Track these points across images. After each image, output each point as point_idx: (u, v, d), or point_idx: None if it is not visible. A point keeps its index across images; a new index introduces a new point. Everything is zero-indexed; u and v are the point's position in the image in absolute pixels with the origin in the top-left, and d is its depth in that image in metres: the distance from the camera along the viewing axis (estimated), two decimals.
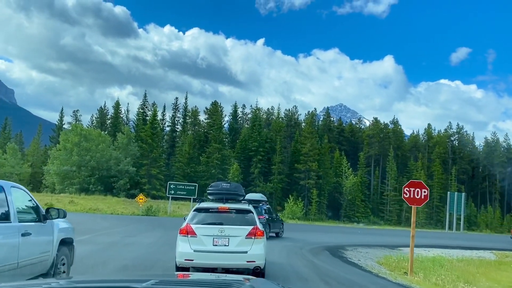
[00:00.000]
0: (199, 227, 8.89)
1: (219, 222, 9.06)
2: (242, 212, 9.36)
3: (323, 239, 25.85)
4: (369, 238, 31.89)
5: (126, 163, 64.64)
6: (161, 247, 16.43)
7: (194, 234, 8.76)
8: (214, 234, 8.80)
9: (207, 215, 9.28)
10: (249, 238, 8.83)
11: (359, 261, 17.98)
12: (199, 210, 9.37)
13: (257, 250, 8.82)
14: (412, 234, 16.65)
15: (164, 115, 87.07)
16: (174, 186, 51.32)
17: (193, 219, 9.16)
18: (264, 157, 74.84)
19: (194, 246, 8.67)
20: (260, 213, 20.71)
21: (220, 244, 8.71)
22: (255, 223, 9.10)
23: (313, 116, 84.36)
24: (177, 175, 70.79)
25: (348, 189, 75.77)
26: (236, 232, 8.85)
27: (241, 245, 8.76)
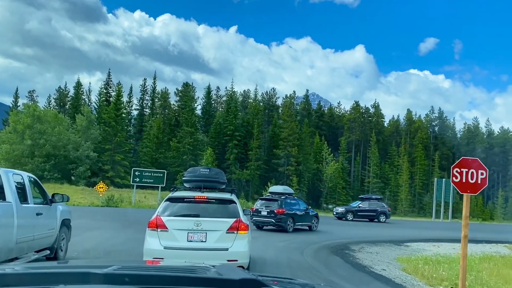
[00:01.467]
0: (171, 220, 7.67)
1: (195, 213, 7.81)
2: (223, 203, 8.09)
3: (317, 234, 22.26)
4: (364, 231, 27.92)
5: (86, 147, 57.81)
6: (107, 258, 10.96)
7: (165, 228, 7.55)
8: (189, 228, 7.59)
9: (181, 206, 8.02)
10: (231, 233, 7.66)
11: (384, 270, 13.52)
12: (171, 200, 8.08)
13: (240, 247, 7.63)
14: (464, 234, 11.41)
15: (131, 97, 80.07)
16: (139, 173, 45.32)
17: (164, 210, 7.88)
18: (241, 142, 69.37)
19: (164, 242, 7.49)
20: (280, 206, 20.69)
21: (195, 240, 7.55)
22: (238, 215, 7.86)
23: (292, 100, 79.15)
24: (144, 162, 64.48)
25: (329, 176, 71.43)
26: (215, 226, 7.66)
27: (221, 241, 7.59)
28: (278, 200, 21.06)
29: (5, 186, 7.32)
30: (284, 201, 21.21)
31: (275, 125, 74.31)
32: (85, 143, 58.49)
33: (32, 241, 7.80)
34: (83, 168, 56.83)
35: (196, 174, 8.90)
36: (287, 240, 18.86)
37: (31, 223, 7.76)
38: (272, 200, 21.42)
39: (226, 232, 7.67)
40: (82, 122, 59.57)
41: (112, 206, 40.79)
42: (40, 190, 8.83)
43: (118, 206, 41.54)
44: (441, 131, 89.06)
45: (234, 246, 7.63)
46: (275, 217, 20.67)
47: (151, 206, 45.91)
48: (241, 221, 7.80)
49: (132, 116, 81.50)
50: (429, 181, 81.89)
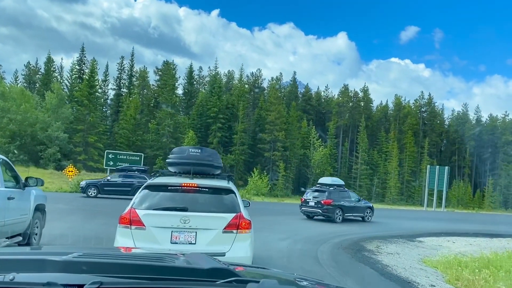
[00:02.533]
0: (150, 214, 5.69)
1: (182, 207, 5.83)
2: (219, 192, 6.10)
3: (319, 227, 19.61)
4: (371, 223, 24.83)
5: (56, 128, 52.83)
6: None
7: (141, 224, 5.58)
8: (174, 225, 5.63)
9: (164, 196, 5.99)
10: (229, 232, 5.74)
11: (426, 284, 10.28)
12: (151, 188, 6.04)
13: (240, 251, 5.67)
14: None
15: (107, 76, 74.70)
16: (113, 156, 41.14)
17: (141, 201, 5.84)
18: (225, 125, 65.30)
19: (140, 244, 5.41)
20: (327, 197, 21.29)
21: (182, 242, 5.60)
22: (238, 209, 5.89)
23: (279, 81, 75.17)
24: (120, 144, 59.90)
25: (316, 162, 68.20)
26: (208, 223, 5.74)
27: (215, 243, 5.65)
28: (325, 191, 21.73)
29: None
30: (332, 192, 21.81)
31: (261, 108, 70.41)
32: (55, 123, 53.49)
33: (3, 227, 7.54)
34: (53, 150, 51.98)
35: (184, 156, 6.86)
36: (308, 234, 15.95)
37: (1, 207, 7.45)
38: (320, 191, 22.16)
39: (223, 232, 5.86)
40: (52, 100, 54.43)
41: (82, 192, 36.70)
42: (12, 173, 8.36)
43: None
44: (431, 117, 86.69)
45: (232, 250, 5.78)
46: (322, 207, 21.37)
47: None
48: (242, 217, 5.94)
49: (108, 96, 76.39)
50: (418, 168, 79.76)
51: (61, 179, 44.11)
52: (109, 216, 16.55)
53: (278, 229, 17.57)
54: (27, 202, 8.52)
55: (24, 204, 8.38)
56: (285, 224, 19.96)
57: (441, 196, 56.88)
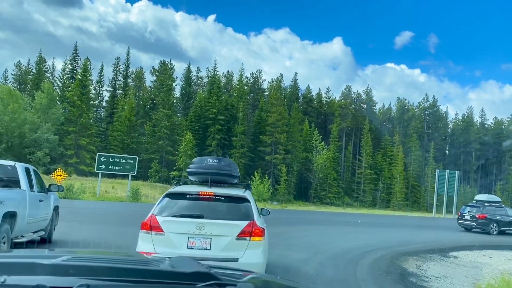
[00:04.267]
0: (169, 221, 6.09)
1: (198, 214, 6.17)
2: (234, 201, 6.48)
3: (341, 242, 17.12)
4: (391, 234, 22.81)
5: (45, 129, 49.92)
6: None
7: (161, 230, 6.02)
8: (190, 231, 6.01)
9: (182, 204, 6.42)
10: (242, 239, 6.05)
11: None
12: (171, 196, 6.49)
13: (253, 257, 6.00)
14: None
15: (101, 77, 71.87)
16: (105, 159, 38.26)
17: (161, 208, 6.27)
18: (224, 127, 62.53)
19: (159, 249, 5.86)
20: (481, 212, 24.56)
21: (198, 247, 5.97)
22: (251, 218, 6.21)
23: (279, 82, 72.50)
24: (114, 147, 56.98)
25: (319, 166, 65.49)
26: (222, 230, 6.08)
27: (229, 249, 6.01)
28: (480, 207, 24.95)
29: (20, 177, 8.93)
30: (487, 207, 24.75)
31: (261, 110, 67.69)
32: (44, 124, 50.61)
33: (35, 223, 9.49)
34: (42, 153, 49.05)
35: (203, 165, 7.14)
36: None
37: (36, 207, 9.38)
38: (475, 206, 25.48)
39: (236, 238, 6.09)
40: (42, 100, 51.53)
41: (71, 198, 33.82)
42: (39, 180, 10.12)
43: (78, 198, 34.61)
44: (435, 120, 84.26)
45: (245, 256, 6.01)
46: (477, 221, 24.69)
47: (119, 198, 38.82)
48: (255, 225, 6.15)
49: (102, 98, 73.56)
50: (423, 172, 77.21)
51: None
52: None
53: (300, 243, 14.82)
54: (49, 204, 10.51)
55: (47, 205, 10.35)
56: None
57: (451, 202, 54.18)
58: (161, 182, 53.27)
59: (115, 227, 16.55)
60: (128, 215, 23.08)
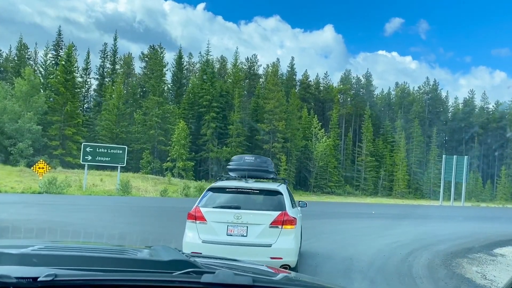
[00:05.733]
0: (210, 211, 6.89)
1: (236, 205, 6.95)
2: (268, 194, 7.20)
3: (368, 241, 14.26)
4: (414, 227, 19.94)
5: (27, 119, 46.31)
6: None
7: (204, 220, 6.83)
8: (229, 220, 6.75)
9: (222, 197, 7.23)
10: (274, 227, 6.71)
11: None
12: (213, 190, 7.35)
13: (285, 243, 6.66)
14: None
15: (88, 64, 67.95)
16: (91, 149, 34.94)
17: (204, 201, 7.11)
18: (219, 115, 59.20)
19: (203, 236, 6.75)
20: None
21: (236, 234, 6.71)
22: (283, 208, 6.89)
23: (276, 67, 69.00)
24: (102, 137, 53.51)
25: (319, 154, 62.62)
26: (257, 219, 6.79)
27: (263, 236, 6.69)
28: None
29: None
30: None
31: (258, 96, 64.42)
32: (26, 113, 46.95)
33: None
34: (24, 144, 45.48)
35: (241, 162, 8.02)
36: None
37: None
38: None
39: (269, 227, 6.76)
40: (22, 87, 47.78)
41: (54, 193, 30.64)
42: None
43: (62, 192, 31.44)
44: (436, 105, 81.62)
45: (278, 242, 6.66)
46: None
47: (107, 192, 35.57)
48: (286, 215, 6.83)
49: (90, 86, 69.76)
50: (425, 159, 74.74)
51: (31, 178, 37.92)
52: None
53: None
54: None
55: None
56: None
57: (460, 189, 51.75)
58: (154, 174, 50.03)
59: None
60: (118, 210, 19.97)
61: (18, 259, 1.48)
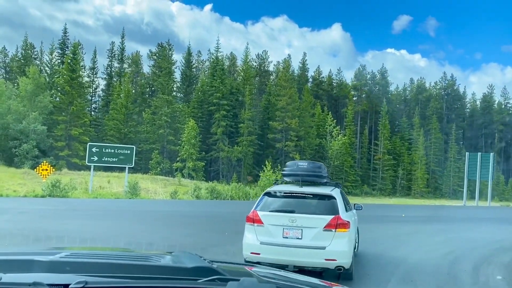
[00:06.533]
0: (267, 215, 7.22)
1: (290, 209, 7.24)
2: (321, 198, 7.45)
3: (419, 251, 11.89)
4: (464, 233, 17.03)
5: (32, 119, 44.67)
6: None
7: (261, 222, 7.16)
8: (284, 223, 7.05)
9: (278, 201, 7.48)
10: (328, 231, 6.90)
11: None
12: (269, 194, 7.62)
13: (338, 246, 6.83)
14: None
15: (95, 63, 66.41)
16: (97, 149, 33.00)
17: (261, 204, 7.45)
18: (229, 113, 57.11)
19: (261, 238, 7.07)
20: None
21: (291, 237, 6.97)
22: (337, 212, 7.08)
23: (288, 64, 66.64)
24: (110, 137, 51.74)
25: (334, 153, 60.20)
26: (311, 223, 7.02)
27: (317, 239, 6.88)
28: None
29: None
30: None
31: (269, 94, 62.20)
32: (31, 113, 45.33)
33: None
34: (29, 145, 43.82)
35: (294, 168, 8.19)
36: None
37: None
38: None
39: (323, 230, 6.93)
40: (27, 86, 46.15)
41: (58, 196, 28.76)
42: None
43: (67, 195, 29.56)
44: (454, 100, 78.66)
45: (332, 245, 6.81)
46: None
47: (114, 194, 33.62)
48: (339, 219, 6.99)
49: (97, 86, 68.23)
50: (443, 156, 71.90)
51: (35, 180, 36.16)
52: None
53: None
54: None
55: None
56: None
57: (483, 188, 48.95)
58: (163, 175, 48.09)
59: None
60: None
61: (48, 266, 1.48)
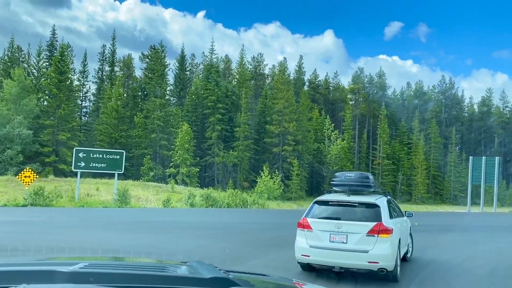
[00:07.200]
0: (315, 221, 7.99)
1: (336, 216, 7.97)
2: (366, 206, 8.08)
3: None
4: (477, 244, 15.36)
5: (17, 123, 42.37)
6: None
7: (310, 228, 7.95)
8: (331, 229, 7.79)
9: (325, 209, 8.27)
10: (371, 236, 7.54)
11: None
12: (318, 203, 8.41)
13: (381, 249, 7.47)
14: None
15: (85, 66, 64.21)
16: (84, 154, 30.83)
17: (310, 212, 8.24)
18: (225, 117, 55.12)
19: (310, 242, 7.89)
20: None
21: (337, 241, 7.68)
22: (379, 219, 7.71)
23: (284, 66, 64.91)
24: (100, 142, 49.50)
25: (333, 158, 58.37)
26: (355, 229, 7.69)
27: (361, 243, 7.56)
28: None
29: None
30: None
31: (265, 97, 60.35)
32: (16, 117, 43.03)
33: None
34: (13, 151, 41.50)
35: (342, 179, 8.84)
36: None
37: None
38: None
39: (366, 235, 7.57)
40: (12, 89, 43.86)
41: (41, 205, 26.60)
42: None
43: (51, 204, 27.41)
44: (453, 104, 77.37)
45: (374, 249, 7.46)
46: None
47: (103, 202, 31.37)
48: (381, 225, 7.60)
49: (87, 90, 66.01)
50: (445, 161, 70.40)
51: (19, 188, 33.85)
52: None
53: None
54: None
55: None
56: None
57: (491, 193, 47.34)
58: (156, 181, 45.89)
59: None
60: None
61: (69, 277, 1.51)
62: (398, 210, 9.50)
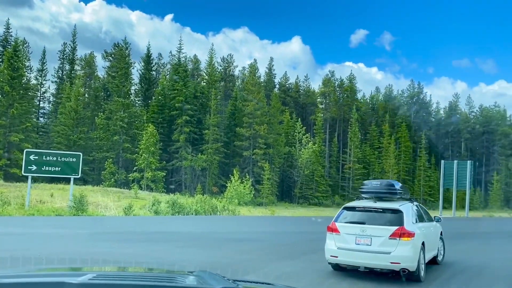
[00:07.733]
0: (342, 226, 8.72)
1: (361, 221, 8.70)
2: (389, 212, 8.73)
3: None
4: (477, 252, 13.77)
5: None
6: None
7: (338, 231, 8.66)
8: (356, 233, 8.49)
9: (352, 214, 9.00)
10: (393, 239, 8.20)
11: None
12: (347, 209, 9.19)
13: (403, 251, 8.11)
14: None
15: (44, 64, 60.28)
16: (36, 157, 27.67)
17: (339, 217, 8.99)
18: (193, 119, 52.70)
19: (338, 244, 8.60)
20: None
21: (362, 243, 8.39)
22: (401, 224, 8.35)
23: (254, 68, 63.01)
24: (57, 145, 46.00)
25: (304, 161, 57.01)
26: (378, 232, 8.36)
27: (384, 246, 8.21)
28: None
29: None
30: None
31: (236, 99, 58.36)
32: None
33: None
34: None
35: (369, 187, 9.42)
36: None
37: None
38: None
39: (389, 238, 8.15)
40: None
41: None
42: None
43: None
44: (421, 108, 78.01)
45: (396, 251, 8.04)
46: None
47: (56, 211, 28.32)
48: (403, 229, 8.18)
49: (46, 90, 62.01)
50: (414, 165, 70.55)
51: None
52: None
53: None
54: None
55: None
56: None
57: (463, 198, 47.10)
58: (118, 186, 42.89)
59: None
60: None
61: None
62: (427, 216, 9.98)
